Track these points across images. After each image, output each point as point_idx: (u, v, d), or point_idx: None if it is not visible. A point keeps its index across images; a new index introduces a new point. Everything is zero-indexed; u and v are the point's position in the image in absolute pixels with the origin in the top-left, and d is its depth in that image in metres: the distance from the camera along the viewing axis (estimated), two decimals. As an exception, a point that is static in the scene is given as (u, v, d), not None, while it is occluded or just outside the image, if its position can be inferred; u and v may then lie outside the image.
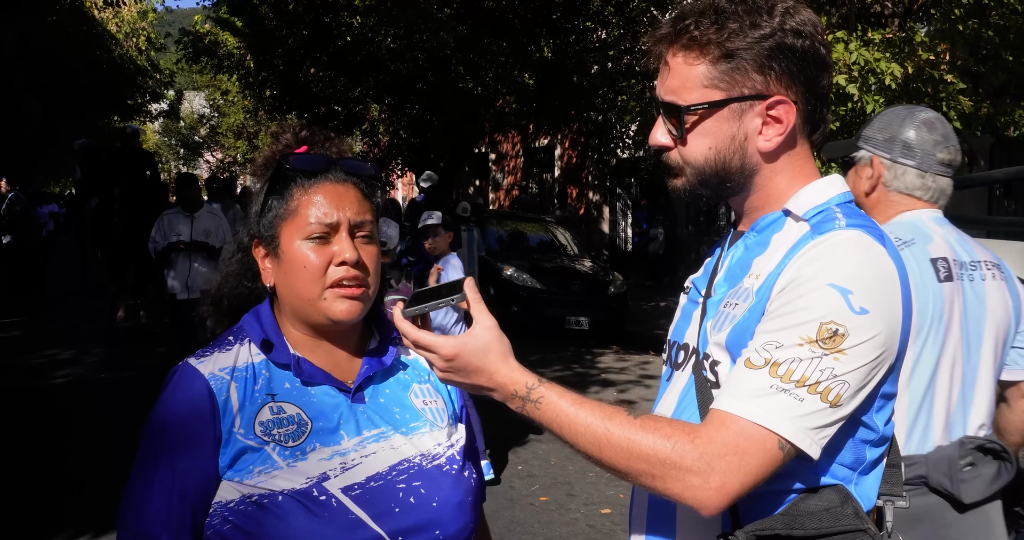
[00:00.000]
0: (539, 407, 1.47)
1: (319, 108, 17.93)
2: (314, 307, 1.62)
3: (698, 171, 1.58)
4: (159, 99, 33.82)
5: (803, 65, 1.51)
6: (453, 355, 1.50)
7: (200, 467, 1.53)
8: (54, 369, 9.74)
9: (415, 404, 1.74)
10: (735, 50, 1.49)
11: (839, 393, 1.38)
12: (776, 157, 1.57)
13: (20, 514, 5.34)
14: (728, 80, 1.51)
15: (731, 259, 1.65)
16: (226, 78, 23.65)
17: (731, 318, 1.54)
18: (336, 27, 16.34)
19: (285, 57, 16.76)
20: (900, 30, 10.14)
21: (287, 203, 1.65)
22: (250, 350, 1.64)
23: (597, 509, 5.73)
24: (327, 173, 1.67)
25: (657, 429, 1.40)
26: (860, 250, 1.45)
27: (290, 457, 1.54)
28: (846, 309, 1.39)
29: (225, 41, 20.70)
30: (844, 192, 1.59)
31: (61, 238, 25.41)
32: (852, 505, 1.46)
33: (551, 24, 15.80)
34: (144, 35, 32.21)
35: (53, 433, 7.11)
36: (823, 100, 1.57)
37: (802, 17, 1.52)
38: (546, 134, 22.06)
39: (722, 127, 1.54)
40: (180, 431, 1.54)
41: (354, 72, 16.38)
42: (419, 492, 1.61)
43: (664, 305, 16.48)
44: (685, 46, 1.54)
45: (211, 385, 1.57)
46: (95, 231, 12.83)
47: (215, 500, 1.54)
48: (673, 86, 1.56)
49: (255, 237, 1.69)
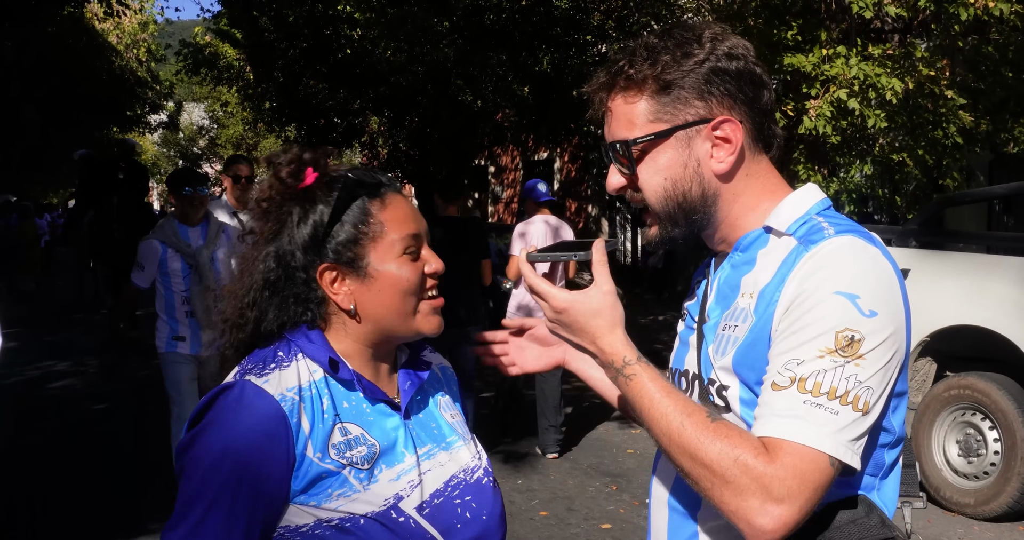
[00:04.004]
0: (629, 383, 1.48)
1: (318, 120, 17.94)
2: (406, 322, 1.62)
3: (662, 207, 1.58)
4: (159, 110, 33.79)
5: (741, 84, 1.53)
6: (563, 308, 1.52)
7: (271, 496, 1.47)
8: (51, 380, 9.70)
9: (445, 418, 1.75)
10: (672, 81, 1.52)
11: (867, 400, 1.38)
12: (732, 177, 1.57)
13: (17, 527, 5.30)
14: (671, 111, 1.53)
15: (719, 281, 1.65)
16: (226, 90, 23.68)
17: (733, 341, 1.54)
18: (336, 40, 16.36)
19: (285, 69, 16.77)
20: (900, 46, 10.15)
21: (367, 222, 1.60)
22: (308, 368, 1.57)
23: (597, 524, 5.69)
24: (389, 186, 1.66)
25: (728, 437, 1.38)
26: (856, 254, 1.46)
27: (365, 479, 1.53)
28: (857, 314, 1.39)
29: (225, 53, 20.76)
30: (821, 199, 1.60)
31: (59, 249, 25.39)
32: (877, 514, 1.46)
33: (551, 38, 15.82)
34: (144, 46, 32.33)
35: (50, 444, 7.07)
36: (768, 116, 1.59)
37: (731, 41, 1.55)
38: (545, 147, 22.09)
39: (672, 157, 1.55)
40: (251, 459, 1.44)
41: (353, 84, 16.39)
42: (471, 506, 1.63)
43: (663, 319, 16.45)
44: (623, 87, 1.57)
45: (283, 406, 1.48)
46: (91, 242, 12.82)
47: (281, 524, 1.50)
48: (619, 128, 1.58)
49: (324, 262, 1.59)
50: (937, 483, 6.16)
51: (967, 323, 6.00)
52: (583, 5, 15.94)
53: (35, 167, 29.99)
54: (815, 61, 9.60)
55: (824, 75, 9.51)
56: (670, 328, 15.31)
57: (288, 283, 1.61)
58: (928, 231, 7.06)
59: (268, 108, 18.98)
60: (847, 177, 11.16)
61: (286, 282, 1.61)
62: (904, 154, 10.16)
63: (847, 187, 10.87)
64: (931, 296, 6.19)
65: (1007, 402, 5.78)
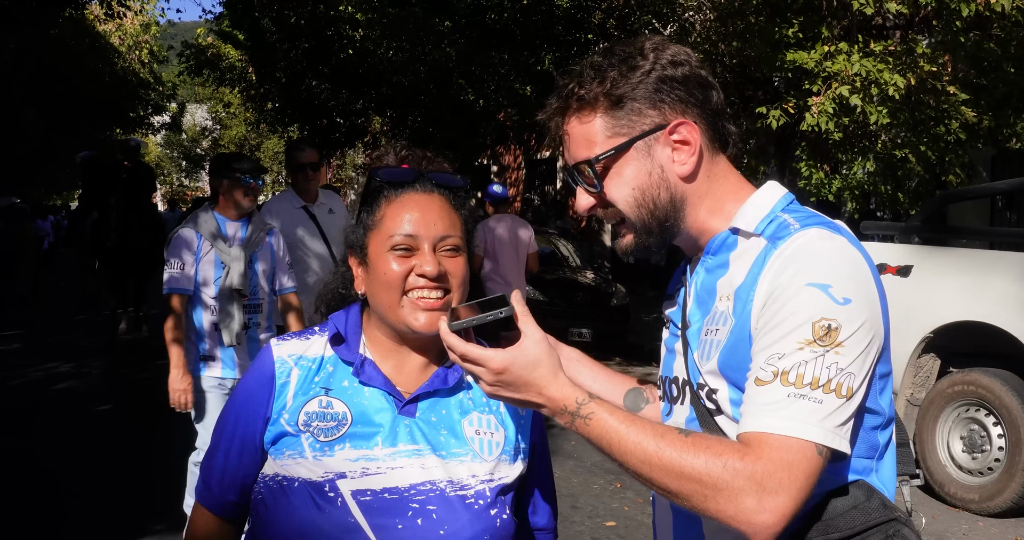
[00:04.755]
0: (588, 423, 1.47)
1: (321, 120, 17.97)
2: (394, 315, 1.67)
3: (634, 216, 1.61)
4: (161, 111, 33.89)
5: (689, 88, 1.57)
6: (502, 368, 1.49)
7: (248, 437, 1.69)
8: (54, 382, 9.71)
9: (466, 431, 1.71)
10: (623, 94, 1.56)
11: (850, 386, 1.40)
12: (696, 178, 1.60)
13: (18, 528, 5.30)
14: (626, 123, 1.57)
15: (696, 286, 1.67)
16: (228, 90, 23.71)
17: (716, 344, 1.56)
18: (338, 40, 16.37)
19: (287, 70, 16.80)
20: (902, 42, 10.13)
21: (374, 214, 1.72)
22: (324, 343, 1.75)
23: (602, 521, 5.69)
24: (414, 184, 1.73)
25: (708, 448, 1.39)
26: (824, 245, 1.48)
27: (319, 450, 1.61)
28: (831, 303, 1.41)
29: (227, 54, 20.77)
30: (784, 195, 1.62)
31: (61, 250, 25.41)
32: (878, 497, 1.48)
33: (552, 37, 15.82)
34: (147, 48, 32.39)
35: (52, 445, 7.08)
36: (720, 115, 1.62)
37: (673, 49, 1.59)
38: (548, 146, 22.07)
39: (636, 167, 1.58)
40: (243, 402, 1.72)
41: (356, 85, 16.41)
42: (431, 517, 1.59)
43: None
44: (576, 109, 1.60)
45: (276, 367, 1.70)
46: (93, 243, 12.80)
47: (262, 471, 1.68)
48: (578, 149, 1.62)
49: (349, 247, 1.78)
50: (941, 479, 6.15)
51: (970, 319, 5.99)
52: (584, 4, 15.94)
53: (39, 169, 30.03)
54: (817, 58, 9.59)
55: (826, 72, 9.50)
56: (673, 326, 15.28)
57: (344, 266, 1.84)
58: (931, 227, 7.05)
59: (271, 109, 19.02)
60: (850, 174, 11.15)
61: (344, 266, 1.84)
62: (906, 150, 10.15)
63: (850, 184, 10.85)
64: (934, 292, 6.19)
65: (1011, 398, 5.77)
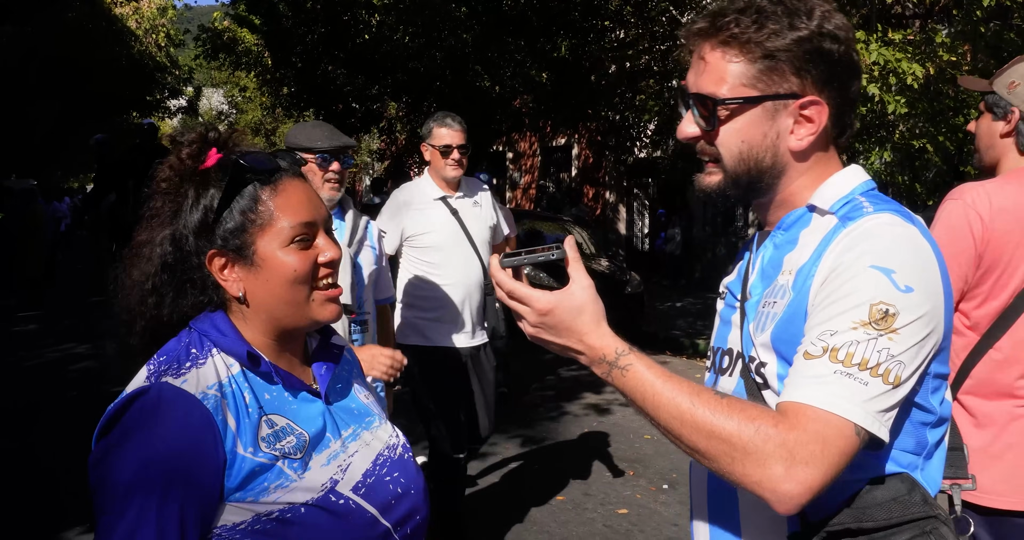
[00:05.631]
0: (625, 375, 1.45)
1: (336, 105, 17.94)
2: (300, 311, 1.57)
3: (731, 166, 1.58)
4: (178, 95, 33.94)
5: (837, 70, 1.53)
6: (547, 310, 1.48)
7: (204, 501, 1.40)
8: (70, 363, 9.77)
9: (361, 399, 1.74)
10: (774, 51, 1.50)
11: (898, 374, 1.37)
12: (806, 157, 1.58)
13: (31, 509, 5.35)
14: (765, 79, 1.52)
15: (762, 259, 1.65)
16: (244, 75, 23.72)
17: (772, 317, 1.55)
18: (354, 25, 16.34)
19: (303, 55, 16.77)
20: (921, 31, 10.06)
21: (256, 208, 1.54)
22: (224, 362, 1.53)
23: (614, 509, 5.70)
24: (286, 172, 1.60)
25: (743, 411, 1.38)
26: (894, 231, 1.46)
27: (300, 469, 1.50)
28: (893, 289, 1.39)
29: (243, 38, 20.74)
30: (866, 181, 1.61)
31: (78, 233, 25.52)
32: (920, 492, 1.45)
33: (569, 23, 15.75)
34: (163, 31, 32.35)
35: (67, 425, 7.13)
36: (852, 105, 1.59)
37: (838, 21, 1.53)
38: (563, 133, 22.02)
39: (755, 124, 1.55)
40: (179, 467, 1.37)
41: (371, 70, 16.38)
42: (400, 482, 1.64)
43: (680, 306, 16.43)
44: (724, 42, 1.54)
45: (205, 405, 1.42)
46: (110, 226, 12.86)
47: (218, 524, 1.44)
48: (709, 80, 1.56)
49: (212, 248, 1.55)
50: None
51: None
52: (601, -10, 15.86)
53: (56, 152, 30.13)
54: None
55: (844, 61, 9.43)
56: (688, 314, 15.29)
57: (185, 267, 1.57)
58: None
59: (286, 93, 18.98)
60: (866, 164, 11.08)
61: (183, 266, 1.57)
62: (924, 141, 10.08)
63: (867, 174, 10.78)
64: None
65: None
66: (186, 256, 1.56)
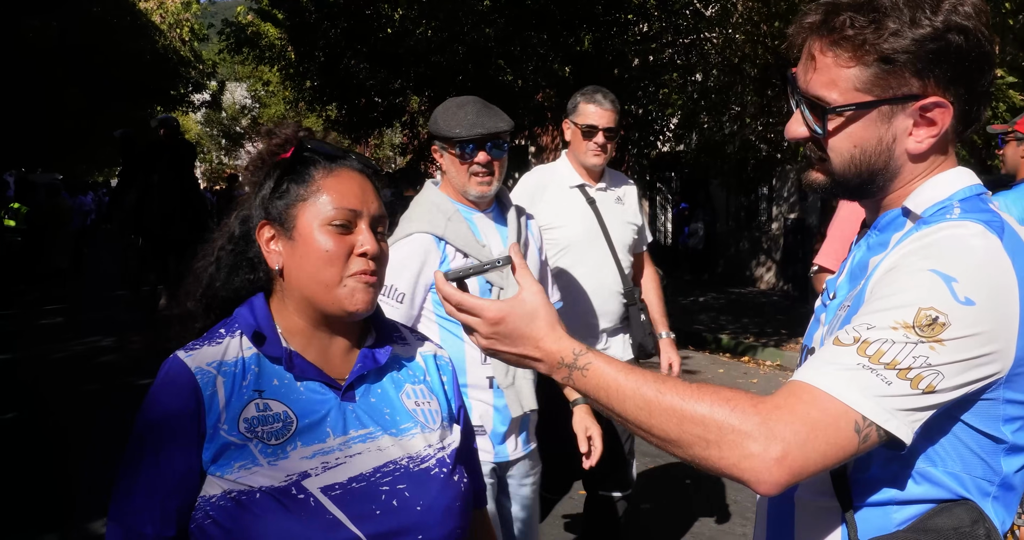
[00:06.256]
0: (586, 374, 1.40)
1: (359, 99, 17.98)
2: (330, 295, 1.59)
3: (841, 172, 1.48)
4: (202, 89, 34.08)
5: (966, 67, 1.38)
6: (499, 318, 1.44)
7: (183, 461, 1.52)
8: (96, 355, 9.84)
9: (406, 405, 1.70)
10: (893, 54, 1.37)
11: (931, 383, 1.25)
12: (924, 159, 1.46)
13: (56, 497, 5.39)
14: (882, 84, 1.39)
15: (852, 260, 1.57)
16: (267, 69, 23.79)
17: (841, 319, 1.46)
18: (377, 19, 16.36)
19: (326, 49, 16.81)
20: (949, 24, 9.96)
21: (307, 185, 1.63)
22: (241, 343, 1.61)
23: (637, 504, 5.68)
24: (346, 160, 1.68)
25: (716, 393, 1.30)
26: (969, 239, 1.33)
27: (271, 455, 1.52)
28: (949, 297, 1.27)
29: (267, 32, 20.82)
30: (971, 186, 1.47)
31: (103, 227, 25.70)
32: (984, 526, 1.33)
33: (592, 17, 15.69)
34: (187, 26, 32.51)
35: (93, 417, 7.18)
36: (982, 98, 1.44)
37: (968, 9, 1.37)
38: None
39: (869, 128, 1.43)
40: (165, 425, 1.52)
41: (394, 64, 16.39)
42: (403, 495, 1.58)
43: (703, 300, 16.37)
44: (836, 43, 1.41)
45: (197, 379, 1.54)
46: (135, 220, 12.92)
47: (201, 494, 1.53)
48: (819, 82, 1.44)
49: (263, 218, 1.65)
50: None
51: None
52: (625, -17, 15.79)
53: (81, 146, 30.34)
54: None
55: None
56: (711, 309, 15.23)
57: (246, 242, 1.69)
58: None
59: (309, 87, 19.02)
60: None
61: (245, 241, 1.69)
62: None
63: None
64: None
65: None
66: (248, 231, 1.68)
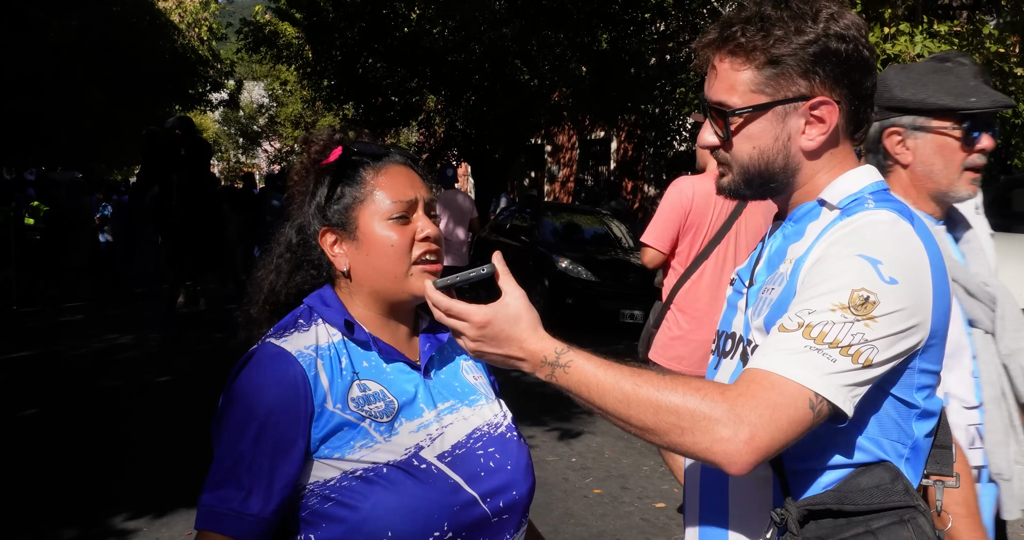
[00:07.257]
0: (568, 371, 1.50)
1: (376, 98, 18.05)
2: (399, 284, 1.70)
3: (743, 171, 1.64)
4: (219, 88, 34.22)
5: (847, 68, 1.55)
6: (485, 322, 1.53)
7: (291, 439, 1.56)
8: (115, 353, 9.92)
9: (468, 379, 1.85)
10: (780, 56, 1.54)
11: (869, 357, 1.41)
12: (818, 155, 1.62)
13: (76, 492, 5.44)
14: (773, 85, 1.56)
15: (770, 249, 1.71)
16: (285, 68, 23.91)
17: (768, 302, 1.60)
18: (394, 19, 16.42)
19: (343, 48, 16.90)
20: (968, 22, 9.92)
21: (361, 186, 1.72)
22: (327, 331, 1.69)
23: (651, 503, 5.69)
24: (390, 156, 1.77)
25: (687, 384, 1.43)
26: (889, 227, 1.50)
27: (386, 432, 1.62)
28: (876, 278, 1.43)
29: (284, 32, 20.92)
30: (877, 181, 1.64)
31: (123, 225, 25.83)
32: (902, 482, 1.49)
33: (609, 16, 15.71)
34: (206, 25, 32.67)
35: (111, 415, 7.24)
36: (867, 100, 1.61)
37: (846, 21, 1.55)
38: (602, 126, 21.98)
39: (766, 129, 1.59)
40: (272, 407, 1.55)
41: (411, 63, 16.46)
42: (495, 457, 1.73)
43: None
44: (731, 52, 1.58)
45: (300, 361, 1.60)
46: (155, 218, 12.98)
47: (310, 481, 1.58)
48: (720, 90, 1.61)
49: (324, 225, 1.73)
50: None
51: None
52: (642, -17, 15.79)
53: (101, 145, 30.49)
54: (875, 40, 9.42)
55: (885, 54, 9.33)
56: (726, 309, 15.19)
57: (305, 248, 1.78)
58: (995, 212, 6.91)
59: (326, 86, 19.12)
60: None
61: (304, 248, 1.78)
62: (970, 134, 9.95)
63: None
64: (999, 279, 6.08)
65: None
66: (307, 239, 1.77)
